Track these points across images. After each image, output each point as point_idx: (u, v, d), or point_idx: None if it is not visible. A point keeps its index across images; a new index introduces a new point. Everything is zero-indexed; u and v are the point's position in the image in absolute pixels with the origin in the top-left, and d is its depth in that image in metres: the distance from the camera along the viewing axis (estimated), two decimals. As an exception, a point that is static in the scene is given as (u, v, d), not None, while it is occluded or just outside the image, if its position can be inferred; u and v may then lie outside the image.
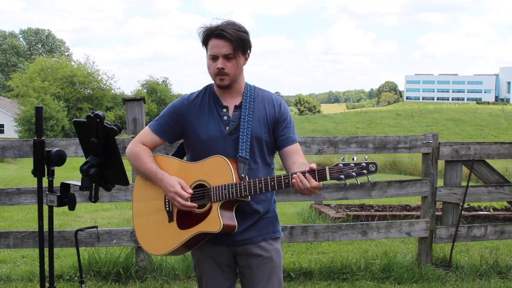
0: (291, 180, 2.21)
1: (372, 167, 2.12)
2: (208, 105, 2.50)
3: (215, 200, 2.33)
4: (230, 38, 2.35)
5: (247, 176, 2.36)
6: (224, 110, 2.48)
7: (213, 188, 2.35)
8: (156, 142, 2.56)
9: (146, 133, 2.56)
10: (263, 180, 2.25)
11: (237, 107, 2.47)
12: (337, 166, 2.15)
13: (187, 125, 2.50)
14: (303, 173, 2.19)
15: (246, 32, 2.42)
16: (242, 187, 2.28)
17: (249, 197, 2.35)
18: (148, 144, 2.56)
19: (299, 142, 2.54)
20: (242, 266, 2.53)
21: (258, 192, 2.27)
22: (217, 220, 2.31)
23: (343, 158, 2.16)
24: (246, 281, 2.54)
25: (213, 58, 2.39)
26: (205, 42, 2.43)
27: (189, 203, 2.36)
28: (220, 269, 2.55)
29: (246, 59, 2.48)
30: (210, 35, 2.39)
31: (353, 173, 2.13)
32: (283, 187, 2.24)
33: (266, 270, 2.49)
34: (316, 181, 2.17)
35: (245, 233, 2.46)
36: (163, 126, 2.54)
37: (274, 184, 2.24)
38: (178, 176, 2.44)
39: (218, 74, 2.40)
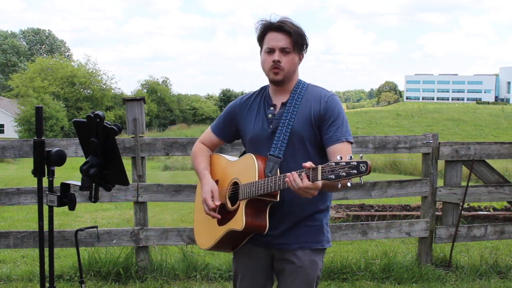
0: (285, 179, 2.11)
1: (363, 167, 1.91)
2: (258, 104, 2.50)
3: (242, 198, 2.32)
4: (290, 31, 2.34)
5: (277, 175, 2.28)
6: (272, 108, 2.44)
7: (241, 186, 2.35)
8: (214, 141, 2.66)
9: (207, 133, 2.68)
10: (273, 179, 2.20)
11: (284, 105, 2.42)
12: (328, 165, 1.98)
13: (239, 125, 2.55)
14: (300, 172, 2.07)
15: (303, 31, 2.41)
16: (259, 185, 2.24)
17: (278, 196, 2.27)
18: (207, 143, 2.67)
19: (349, 141, 2.35)
20: (277, 270, 2.50)
21: (269, 190, 2.20)
22: (241, 218, 2.29)
23: (339, 156, 1.98)
24: (278, 286, 2.51)
25: (270, 51, 2.37)
26: (261, 37, 2.41)
27: (212, 213, 2.41)
28: (255, 269, 2.52)
29: (300, 59, 2.45)
30: (269, 28, 2.38)
31: (343, 173, 1.94)
32: (287, 186, 2.14)
33: (297, 279, 2.41)
34: (309, 180, 2.04)
35: (281, 237, 2.40)
36: (220, 126, 2.63)
37: (280, 182, 2.16)
38: (221, 174, 2.52)
39: (273, 67, 2.36)
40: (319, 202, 2.42)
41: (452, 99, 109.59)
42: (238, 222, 2.30)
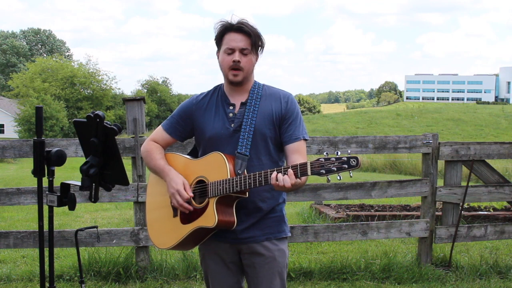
0: (271, 175, 2.18)
1: (353, 162, 2.02)
2: (215, 103, 2.53)
3: (212, 195, 2.36)
4: (249, 33, 2.39)
5: (245, 172, 2.36)
6: (231, 107, 2.49)
7: (210, 184, 2.37)
8: (167, 140, 2.64)
9: (159, 131, 2.65)
10: (252, 176, 2.26)
11: (243, 104, 2.48)
12: (318, 161, 2.09)
13: (195, 124, 2.56)
14: (286, 168, 2.16)
15: (260, 32, 2.47)
16: (234, 182, 2.29)
17: (247, 193, 2.34)
18: (160, 142, 2.64)
19: (305, 139, 2.49)
20: (246, 265, 2.54)
21: (248, 187, 2.26)
22: (212, 215, 2.33)
23: (326, 153, 2.10)
24: (250, 280, 2.55)
25: (230, 51, 2.41)
26: (220, 37, 2.44)
27: (186, 204, 2.41)
28: (225, 265, 2.56)
29: (257, 59, 2.50)
30: (228, 29, 2.42)
31: (334, 168, 2.04)
32: (269, 182, 2.21)
33: (269, 270, 2.49)
34: (298, 176, 2.13)
35: (248, 231, 2.46)
36: (174, 125, 2.62)
37: (262, 179, 2.23)
38: (182, 173, 2.50)
39: (232, 68, 2.41)
40: (279, 196, 2.55)
41: (452, 99, 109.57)
42: (210, 219, 2.33)
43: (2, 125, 52.57)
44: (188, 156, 2.60)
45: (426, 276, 4.70)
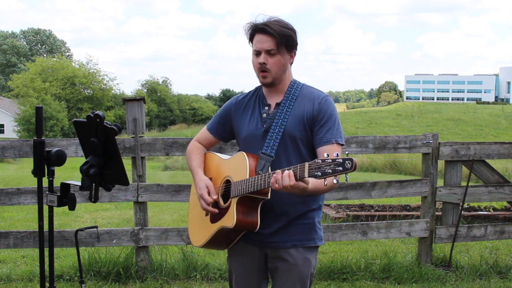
0: (271, 177, 2.12)
1: (348, 164, 1.90)
2: (253, 104, 2.53)
3: (233, 195, 2.34)
4: (273, 33, 2.34)
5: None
6: (266, 108, 2.47)
7: (233, 184, 2.37)
8: (210, 140, 2.68)
9: (203, 131, 2.70)
10: (262, 176, 2.21)
11: (278, 105, 2.45)
12: (315, 162, 1.99)
13: (234, 124, 2.57)
14: (289, 169, 2.09)
15: (292, 30, 2.39)
16: (249, 182, 2.26)
17: (269, 194, 2.29)
18: (203, 141, 2.69)
19: (340, 144, 2.37)
20: (271, 269, 2.52)
21: (259, 188, 2.21)
22: (232, 215, 2.31)
23: (326, 154, 1.99)
24: (273, 285, 2.53)
25: (257, 53, 2.39)
26: (251, 38, 2.43)
27: (210, 208, 2.41)
28: (249, 268, 2.54)
29: (291, 57, 2.45)
30: (255, 30, 2.40)
31: (329, 170, 1.94)
32: None
33: (291, 277, 2.43)
34: (296, 177, 2.05)
35: (275, 236, 2.42)
36: (216, 125, 2.65)
37: (269, 180, 2.16)
38: (215, 172, 2.53)
39: (260, 70, 2.40)
40: (312, 201, 2.45)
41: (452, 99, 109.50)
42: (230, 219, 2.32)
43: (2, 125, 52.57)
44: (221, 156, 2.61)
45: (426, 276, 4.70)
